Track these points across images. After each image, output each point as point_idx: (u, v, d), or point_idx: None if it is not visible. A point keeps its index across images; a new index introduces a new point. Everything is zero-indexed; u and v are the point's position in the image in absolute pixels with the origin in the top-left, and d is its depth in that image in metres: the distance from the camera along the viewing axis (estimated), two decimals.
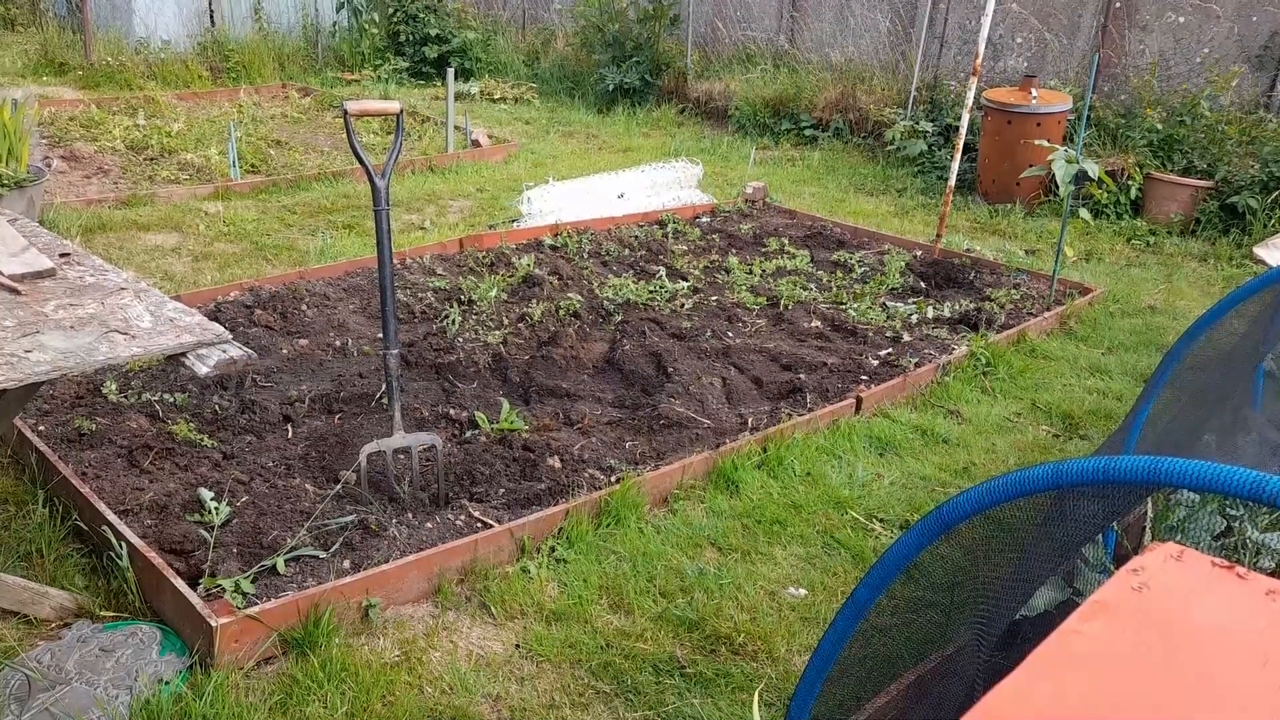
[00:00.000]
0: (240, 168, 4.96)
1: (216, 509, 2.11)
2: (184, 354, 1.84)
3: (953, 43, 6.15)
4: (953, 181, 4.13)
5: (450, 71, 5.65)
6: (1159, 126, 5.09)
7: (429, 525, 2.15)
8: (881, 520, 2.42)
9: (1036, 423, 3.02)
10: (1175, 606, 0.70)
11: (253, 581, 1.90)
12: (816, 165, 5.89)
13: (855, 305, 3.68)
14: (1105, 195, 4.86)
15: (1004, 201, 5.16)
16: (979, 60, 3.91)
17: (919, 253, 4.28)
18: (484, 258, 3.90)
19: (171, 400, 2.65)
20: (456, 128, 5.66)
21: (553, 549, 2.16)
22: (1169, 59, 5.40)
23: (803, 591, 2.12)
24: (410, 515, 2.20)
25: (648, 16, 7.27)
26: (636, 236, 4.26)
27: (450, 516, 2.20)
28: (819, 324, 3.52)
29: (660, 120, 6.92)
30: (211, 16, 7.45)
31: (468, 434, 2.60)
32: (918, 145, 5.67)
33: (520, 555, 2.13)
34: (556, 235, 4.20)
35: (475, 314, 3.38)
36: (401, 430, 2.25)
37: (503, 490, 2.32)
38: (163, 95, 6.33)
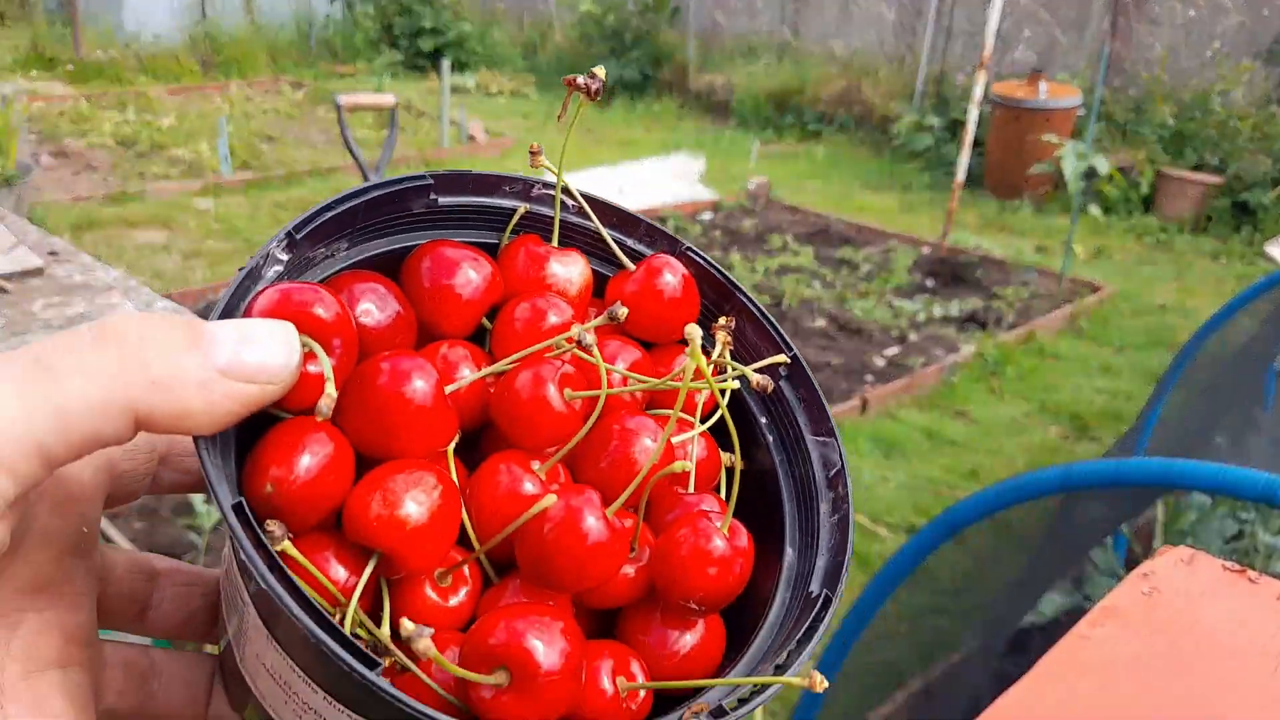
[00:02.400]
0: (232, 163, 4.88)
1: (207, 512, 2.06)
2: None
3: (960, 35, 6.07)
4: (960, 177, 4.06)
5: (445, 64, 5.56)
6: (1170, 121, 5.01)
7: None
8: (887, 524, 2.36)
9: (1045, 424, 2.96)
10: (1186, 612, 0.69)
11: None
12: (821, 160, 5.82)
13: (860, 303, 3.61)
14: (1115, 191, 4.78)
15: (1012, 197, 5.09)
16: (987, 53, 3.83)
17: (926, 249, 4.21)
18: None
19: None
20: (452, 122, 5.58)
21: None
22: (1179, 53, 5.32)
23: None
24: None
25: (647, 8, 7.19)
26: None
27: None
28: (823, 323, 3.45)
29: (660, 114, 6.84)
30: (203, 8, 7.36)
31: None
32: (924, 140, 5.59)
33: None
34: None
35: None
36: None
37: None
38: (153, 89, 6.25)
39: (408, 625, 0.24)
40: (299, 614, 0.23)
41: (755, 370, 0.32)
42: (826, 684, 0.26)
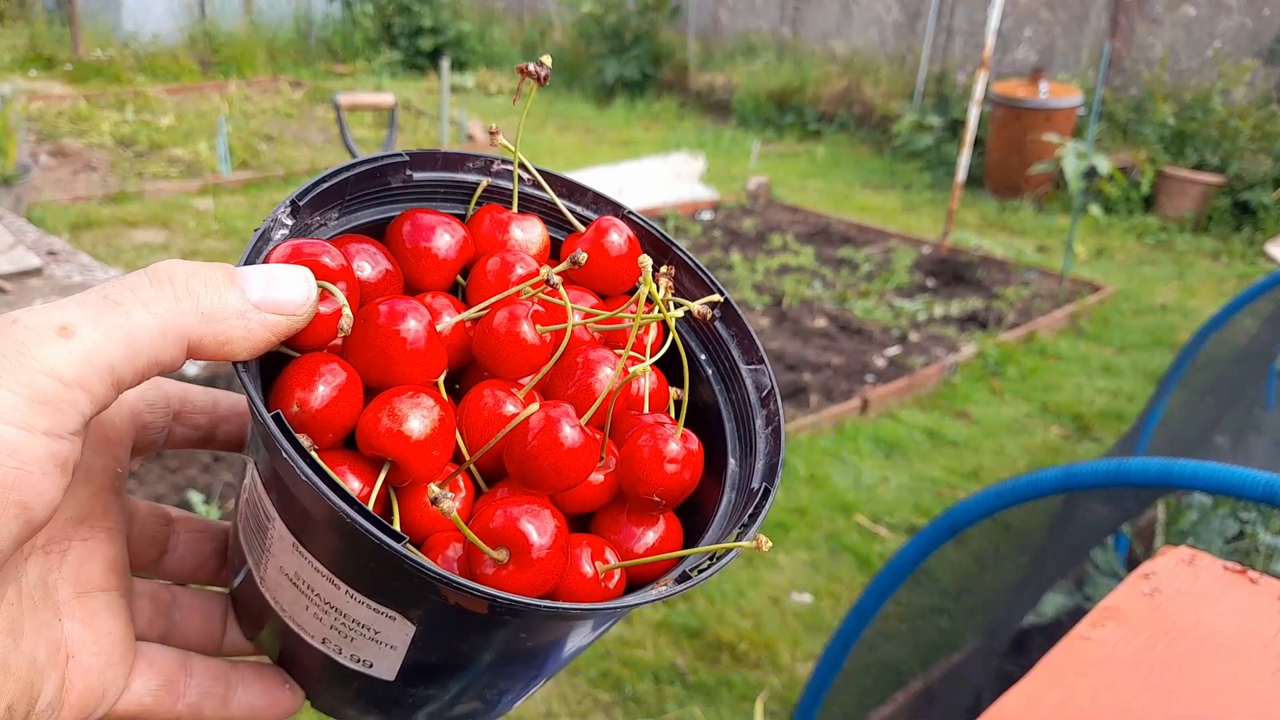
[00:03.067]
0: (230, 163, 4.87)
1: (206, 512, 2.05)
2: None
3: (960, 34, 6.06)
4: (960, 177, 4.05)
5: (445, 64, 5.55)
6: (1170, 121, 5.00)
7: None
8: (888, 524, 2.36)
9: (1046, 424, 2.95)
10: (1187, 612, 0.70)
11: None
12: (821, 159, 5.81)
13: (861, 303, 3.61)
14: (1116, 191, 4.78)
15: (1013, 197, 5.08)
16: (987, 52, 3.82)
17: (926, 249, 4.20)
18: None
19: None
20: (451, 121, 5.57)
21: None
22: (1179, 52, 5.31)
23: (807, 597, 2.08)
24: None
25: (647, 7, 7.18)
26: None
27: None
28: (824, 323, 3.44)
29: (660, 113, 6.83)
30: (202, 8, 7.34)
31: None
32: (925, 139, 5.58)
33: None
34: None
35: None
36: None
37: None
38: (152, 89, 6.24)
39: (433, 489, 0.28)
40: (336, 500, 0.26)
41: (695, 306, 0.36)
42: (770, 544, 0.29)
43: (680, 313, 0.34)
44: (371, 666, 0.31)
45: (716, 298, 0.36)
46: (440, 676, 0.31)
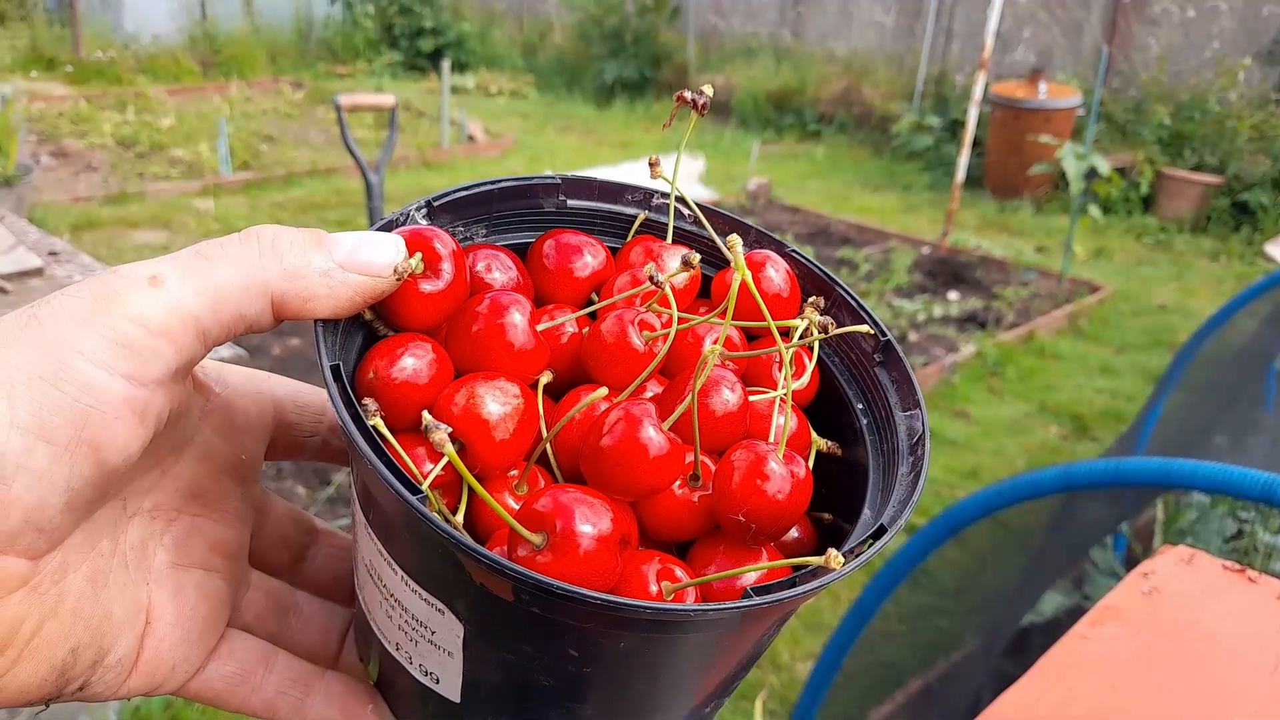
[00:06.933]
0: (231, 164, 4.87)
1: None
2: None
3: (959, 35, 6.07)
4: (960, 177, 4.06)
5: (445, 65, 5.56)
6: (1168, 122, 5.01)
7: None
8: None
9: (1045, 424, 2.96)
10: (1186, 611, 0.70)
11: None
12: (821, 160, 5.81)
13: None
14: (1115, 192, 4.79)
15: (1012, 198, 5.08)
16: (986, 53, 3.83)
17: (926, 250, 4.21)
18: None
19: None
20: (452, 122, 5.58)
21: None
22: (1178, 53, 5.32)
23: None
24: None
25: (647, 9, 7.18)
26: None
27: None
28: None
29: (660, 114, 6.83)
30: (203, 8, 7.34)
31: None
32: (924, 140, 5.58)
33: None
34: None
35: None
36: None
37: None
38: (152, 90, 6.24)
39: (427, 416, 0.27)
40: (364, 448, 0.25)
41: (838, 334, 0.34)
42: (843, 560, 0.27)
43: (798, 323, 0.33)
44: (439, 682, 0.29)
45: (865, 328, 0.34)
46: (502, 703, 0.29)
